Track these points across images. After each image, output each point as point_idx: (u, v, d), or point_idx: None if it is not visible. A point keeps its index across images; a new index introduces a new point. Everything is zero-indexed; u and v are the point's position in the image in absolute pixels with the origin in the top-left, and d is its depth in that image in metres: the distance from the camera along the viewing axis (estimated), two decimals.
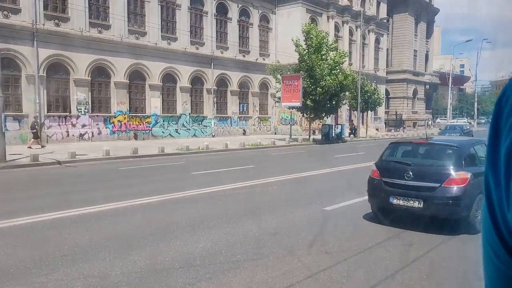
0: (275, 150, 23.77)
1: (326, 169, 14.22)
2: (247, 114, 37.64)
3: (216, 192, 9.77)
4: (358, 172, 13.84)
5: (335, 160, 17.97)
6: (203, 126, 33.50)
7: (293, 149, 24.98)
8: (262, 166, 16.07)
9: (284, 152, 22.38)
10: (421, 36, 60.47)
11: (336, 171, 13.85)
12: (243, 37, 36.89)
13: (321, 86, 28.26)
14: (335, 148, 26.02)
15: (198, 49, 32.78)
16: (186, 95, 31.97)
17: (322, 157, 20.28)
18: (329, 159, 18.80)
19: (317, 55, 28.75)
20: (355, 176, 12.96)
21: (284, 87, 29.73)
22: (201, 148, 22.09)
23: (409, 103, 58.32)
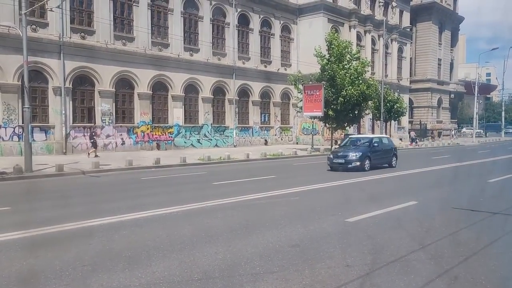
0: (296, 160, 23.62)
1: (347, 179, 14.01)
2: (269, 124, 37.63)
3: (237, 203, 9.72)
4: (381, 183, 13.60)
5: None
6: (225, 136, 33.62)
7: (314, 159, 24.77)
8: (284, 176, 15.96)
9: (306, 162, 22.21)
10: (445, 45, 59.54)
11: (357, 182, 13.63)
12: (264, 47, 37.05)
13: (343, 96, 28.03)
14: None
15: (220, 60, 33.04)
16: (208, 106, 32.19)
17: None
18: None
19: (338, 65, 28.58)
20: (376, 187, 12.73)
21: (306, 97, 29.62)
22: (222, 158, 22.14)
23: (434, 113, 57.32)
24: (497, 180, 14.01)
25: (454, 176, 15.91)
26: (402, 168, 18.22)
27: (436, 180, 14.64)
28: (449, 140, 48.74)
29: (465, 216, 8.46)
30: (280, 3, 37.41)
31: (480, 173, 16.95)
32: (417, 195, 10.81)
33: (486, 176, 14.98)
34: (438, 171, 17.55)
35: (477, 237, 6.94)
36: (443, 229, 7.43)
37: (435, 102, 57.34)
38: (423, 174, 16.49)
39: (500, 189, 12.39)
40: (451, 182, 13.94)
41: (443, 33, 58.93)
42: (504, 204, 9.58)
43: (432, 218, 8.40)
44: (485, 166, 20.17)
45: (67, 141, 24.20)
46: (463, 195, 11.21)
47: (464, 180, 14.66)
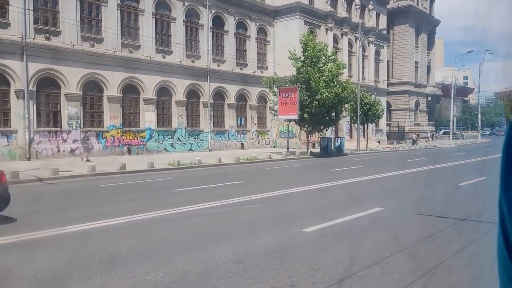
0: (270, 165, 23.05)
1: (317, 184, 13.50)
2: (245, 128, 37.04)
3: (192, 212, 9.06)
4: (351, 187, 13.11)
5: (329, 175, 17.24)
6: (200, 140, 32.89)
7: (288, 163, 24.26)
8: (252, 181, 15.36)
9: (279, 167, 21.67)
10: (422, 48, 60.00)
11: (328, 187, 13.11)
12: (240, 49, 36.49)
13: (317, 99, 27.64)
14: (332, 161, 25.28)
15: (194, 62, 32.35)
16: (182, 109, 31.44)
17: (316, 171, 19.56)
18: (323, 174, 18.08)
19: (313, 67, 28.19)
20: (347, 192, 12.24)
21: (281, 99, 29.14)
22: (193, 163, 21.42)
23: (411, 115, 57.60)
24: (468, 184, 13.66)
25: (426, 179, 15.54)
26: (375, 171, 17.80)
27: (407, 184, 14.24)
28: (426, 143, 48.92)
29: (431, 224, 7.98)
30: (255, 5, 36.95)
31: (452, 176, 16.64)
32: (384, 201, 10.34)
33: (458, 179, 14.64)
34: (411, 175, 17.20)
35: (440, 248, 6.45)
36: (405, 239, 6.92)
37: (412, 105, 57.67)
38: (394, 178, 16.09)
39: (470, 193, 12.03)
40: (422, 186, 13.54)
41: (420, 36, 59.38)
42: (473, 209, 9.15)
43: (395, 227, 7.90)
44: (458, 169, 19.95)
45: (31, 147, 23.15)
46: (432, 200, 10.78)
47: (435, 184, 14.28)
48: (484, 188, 12.81)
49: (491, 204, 10.13)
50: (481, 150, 37.67)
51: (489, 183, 13.82)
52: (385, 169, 18.82)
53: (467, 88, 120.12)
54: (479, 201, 10.33)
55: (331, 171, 18.82)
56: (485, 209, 9.06)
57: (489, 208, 8.76)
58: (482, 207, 9.35)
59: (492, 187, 12.91)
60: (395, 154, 34.00)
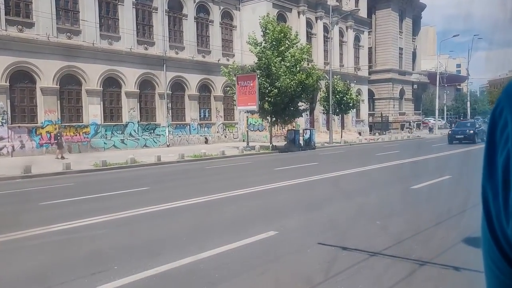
0: (217, 162, 20.27)
1: (233, 191, 10.73)
2: (210, 121, 34.23)
3: (29, 238, 6.33)
4: (266, 197, 10.34)
5: (267, 176, 14.51)
6: (156, 135, 30.07)
7: (240, 160, 21.50)
8: (161, 188, 12.58)
9: (223, 165, 18.88)
10: (406, 33, 57.14)
11: (238, 195, 10.32)
12: (202, 36, 33.55)
13: (277, 86, 24.85)
14: (291, 157, 22.56)
15: (147, 50, 29.43)
16: (134, 101, 28.56)
17: (259, 171, 16.81)
18: (263, 174, 15.36)
19: (273, 52, 25.36)
20: (250, 205, 9.46)
21: (239, 88, 26.32)
22: (125, 163, 18.61)
23: (396, 104, 54.88)
24: (423, 186, 10.96)
25: (376, 180, 12.82)
26: (327, 170, 15.09)
27: (346, 188, 11.51)
28: (408, 133, 46.31)
29: (324, 262, 5.24)
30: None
31: (410, 174, 13.92)
32: (287, 219, 7.63)
33: (413, 180, 11.94)
34: (365, 173, 14.49)
35: None
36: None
37: (397, 94, 54.91)
38: (342, 178, 13.37)
39: (415, 201, 9.33)
40: (363, 191, 10.83)
41: (404, 21, 56.46)
42: (399, 234, 6.43)
43: (270, 266, 5.15)
44: (426, 164, 17.29)
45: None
46: (358, 215, 8.04)
47: (382, 187, 11.58)
48: (440, 194, 10.13)
49: (440, 217, 7.43)
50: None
51: (449, 186, 11.14)
52: (343, 166, 16.15)
53: (460, 76, 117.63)
54: (418, 217, 7.62)
55: (275, 170, 16.07)
56: (424, 230, 6.38)
57: (436, 224, 6.09)
58: (420, 227, 6.66)
59: (452, 191, 10.15)
60: (369, 146, 31.29)
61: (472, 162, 17.05)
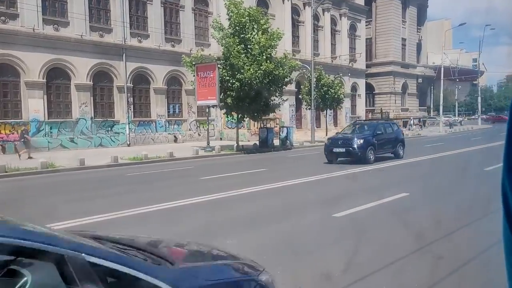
0: (159, 166, 16.93)
1: (122, 211, 7.38)
2: (181, 117, 30.91)
3: None
4: (161, 217, 6.87)
5: (185, 187, 11.18)
6: (114, 133, 26.88)
7: (189, 163, 18.15)
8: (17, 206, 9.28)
9: (157, 170, 15.52)
10: (410, 23, 53.02)
11: (124, 217, 6.95)
12: (171, 22, 30.20)
13: (238, 78, 21.40)
14: (249, 160, 19.21)
15: (103, 37, 26.20)
16: (86, 95, 25.38)
17: (184, 179, 13.39)
18: (183, 185, 11.97)
19: (234, 39, 21.90)
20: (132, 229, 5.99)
21: (199, 80, 22.93)
22: (33, 169, 15.40)
23: (398, 99, 50.91)
24: (352, 213, 7.48)
25: (302, 200, 9.33)
26: (268, 179, 11.66)
27: (254, 211, 8.06)
28: (408, 131, 42.34)
29: None
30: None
31: (369, 190, 10.38)
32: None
33: (358, 198, 8.47)
34: (305, 185, 11.01)
35: None
36: None
37: (399, 88, 50.94)
38: (260, 196, 9.93)
39: (338, 237, 5.85)
40: (275, 216, 7.37)
41: (408, 10, 52.36)
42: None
43: None
44: (395, 174, 13.70)
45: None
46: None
47: (303, 211, 8.12)
48: (370, 226, 6.63)
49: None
50: (468, 139, 31.14)
51: (402, 213, 7.65)
52: (292, 174, 12.76)
53: (475, 70, 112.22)
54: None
55: (200, 180, 12.66)
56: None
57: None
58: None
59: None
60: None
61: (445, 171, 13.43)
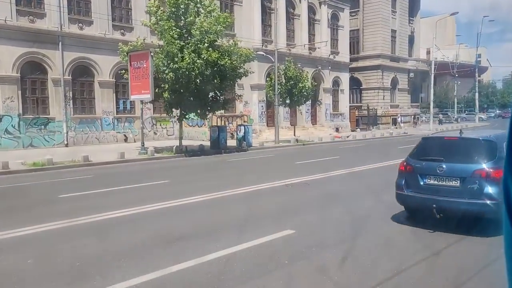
0: (60, 174, 13.82)
1: None
2: (133, 114, 27.74)
3: None
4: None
5: (45, 208, 8.04)
6: (50, 132, 23.77)
7: (101, 170, 15.02)
8: None
9: (16, 184, 12.39)
10: (401, 14, 49.47)
11: None
12: (121, 8, 27.03)
13: (172, 69, 18.23)
14: (180, 165, 16.27)
15: (35, 22, 23.08)
16: (12, 89, 22.29)
17: (38, 197, 10.26)
18: (39, 207, 8.84)
19: (169, 22, 18.71)
20: None
21: (133, 71, 19.75)
22: None
23: (386, 95, 47.48)
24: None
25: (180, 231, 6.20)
26: (155, 198, 8.57)
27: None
28: (391, 130, 39.06)
29: None
30: None
31: (271, 215, 7.24)
32: None
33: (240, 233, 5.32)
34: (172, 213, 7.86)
35: None
36: None
37: (388, 83, 47.48)
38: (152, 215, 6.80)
39: None
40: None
41: (398, 0, 48.78)
42: None
43: None
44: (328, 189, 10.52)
45: None
46: None
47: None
48: None
49: None
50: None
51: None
52: (196, 189, 9.71)
53: (480, 66, 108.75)
54: None
55: (59, 198, 9.54)
56: None
57: None
58: None
59: None
60: (323, 147, 24.44)
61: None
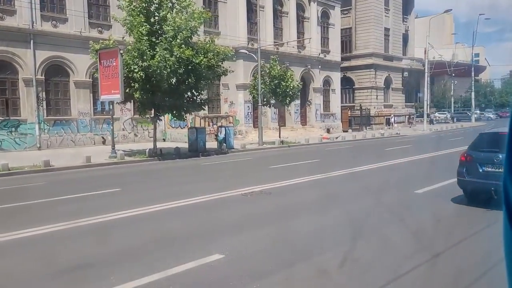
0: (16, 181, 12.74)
1: None
2: (112, 115, 26.58)
3: None
4: None
5: None
6: (20, 135, 22.70)
7: (53, 177, 13.94)
8: None
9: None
10: (395, 11, 48.45)
11: None
12: (98, 5, 25.98)
13: (142, 67, 17.17)
14: (149, 170, 15.34)
15: (4, 19, 22.03)
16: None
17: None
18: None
19: (139, 17, 17.64)
20: None
21: (102, 70, 18.67)
22: None
23: (380, 95, 46.42)
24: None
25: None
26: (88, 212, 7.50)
27: None
28: (383, 130, 38.00)
29: None
30: None
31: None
32: None
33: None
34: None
35: None
36: None
37: (381, 82, 46.43)
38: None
39: None
40: None
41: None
42: None
43: None
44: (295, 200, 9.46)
45: None
46: None
47: None
48: None
49: None
50: (445, 140, 26.85)
51: None
52: (149, 198, 8.69)
53: (478, 66, 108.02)
54: None
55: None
56: None
57: None
58: None
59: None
60: (309, 149, 23.39)
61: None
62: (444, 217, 7.53)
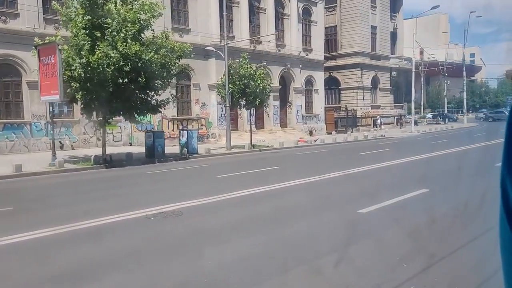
0: None
1: None
2: (71, 117, 24.85)
3: None
4: None
5: None
6: None
7: None
8: None
9: None
10: (382, 9, 46.78)
11: None
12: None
13: (80, 63, 15.35)
14: (71, 181, 13.26)
15: None
16: None
17: None
18: None
19: (77, 10, 15.83)
20: None
21: (42, 68, 16.84)
22: None
23: (366, 95, 44.69)
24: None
25: None
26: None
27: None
28: (368, 132, 36.22)
29: None
30: None
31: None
32: None
33: None
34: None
35: None
36: None
37: (368, 82, 44.70)
38: None
39: None
40: None
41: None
42: None
43: None
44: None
45: None
46: None
47: None
48: None
49: None
50: (428, 143, 25.14)
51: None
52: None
53: (473, 66, 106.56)
54: None
55: None
56: None
57: None
58: None
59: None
60: (275, 155, 21.60)
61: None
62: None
